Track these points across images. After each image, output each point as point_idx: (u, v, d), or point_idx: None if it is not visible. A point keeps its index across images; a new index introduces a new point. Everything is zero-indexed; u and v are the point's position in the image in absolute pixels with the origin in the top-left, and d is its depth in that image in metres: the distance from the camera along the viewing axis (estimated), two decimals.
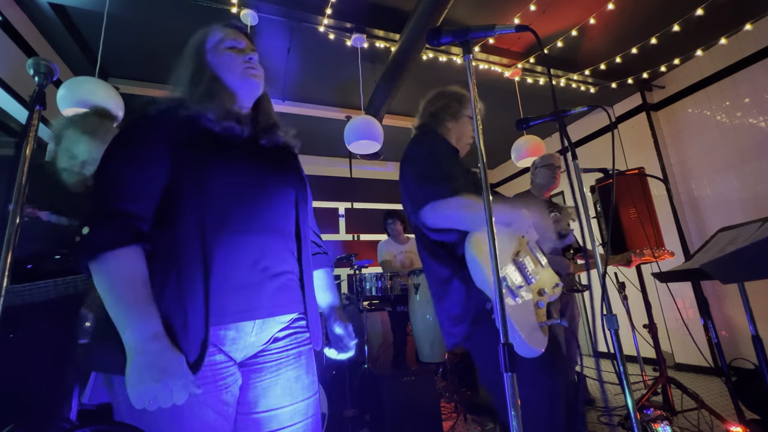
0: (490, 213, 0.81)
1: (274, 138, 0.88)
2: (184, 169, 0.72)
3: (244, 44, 0.88)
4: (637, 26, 3.20)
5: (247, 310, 0.73)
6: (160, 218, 0.71)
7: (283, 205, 0.83)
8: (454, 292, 1.10)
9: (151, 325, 0.62)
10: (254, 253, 0.75)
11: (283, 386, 0.77)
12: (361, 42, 3.05)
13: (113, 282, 0.63)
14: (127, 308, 0.62)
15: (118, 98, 2.36)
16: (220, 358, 0.71)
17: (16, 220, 0.82)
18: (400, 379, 2.33)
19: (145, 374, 0.59)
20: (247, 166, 0.79)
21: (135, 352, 0.60)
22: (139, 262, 0.66)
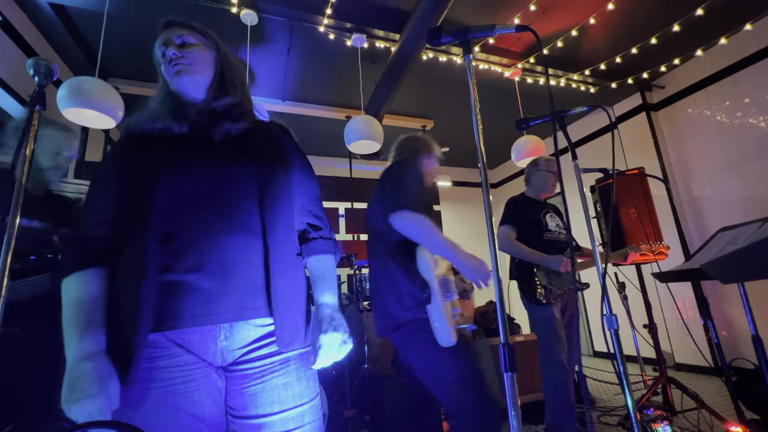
0: (490, 213, 0.81)
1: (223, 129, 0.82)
2: (136, 180, 0.74)
3: (163, 39, 0.85)
4: (637, 26, 3.20)
5: (208, 314, 0.70)
6: (123, 232, 0.73)
7: (243, 198, 0.76)
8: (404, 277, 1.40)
9: (85, 345, 0.65)
10: (214, 254, 0.71)
11: (270, 393, 0.74)
12: (361, 42, 3.05)
13: (64, 305, 0.68)
14: (67, 328, 0.66)
15: (118, 98, 2.35)
16: (190, 359, 0.71)
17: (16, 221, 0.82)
18: (400, 379, 2.33)
19: (67, 393, 0.62)
20: (196, 164, 0.77)
21: (66, 371, 0.64)
22: (90, 283, 0.69)
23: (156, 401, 0.66)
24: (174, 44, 0.84)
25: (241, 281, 0.73)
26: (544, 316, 2.04)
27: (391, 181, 1.47)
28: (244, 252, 0.74)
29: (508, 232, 2.16)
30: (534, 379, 2.61)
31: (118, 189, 0.75)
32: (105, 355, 0.66)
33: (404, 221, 1.33)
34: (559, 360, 1.94)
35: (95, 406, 0.61)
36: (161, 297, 0.68)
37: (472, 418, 1.25)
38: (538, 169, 2.31)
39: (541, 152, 3.40)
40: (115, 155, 0.79)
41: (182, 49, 0.84)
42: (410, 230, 1.34)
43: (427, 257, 1.38)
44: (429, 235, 1.31)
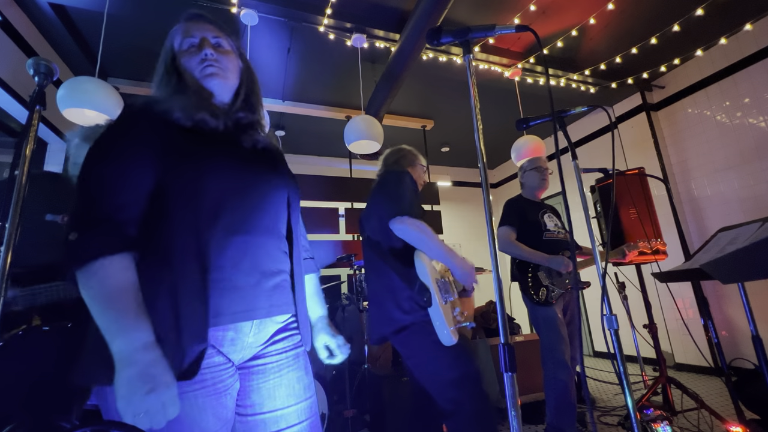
0: (490, 213, 0.81)
1: (256, 137, 0.85)
2: (173, 171, 0.70)
3: (198, 38, 0.82)
4: (637, 26, 3.20)
5: (246, 311, 0.72)
6: (150, 221, 0.68)
7: (276, 205, 0.82)
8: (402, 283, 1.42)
9: (141, 334, 0.60)
10: (251, 254, 0.74)
11: (287, 386, 0.78)
12: (361, 42, 3.05)
13: (101, 291, 0.61)
14: (116, 318, 0.60)
15: (118, 98, 2.35)
16: (219, 360, 0.70)
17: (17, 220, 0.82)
18: (400, 379, 2.33)
19: (136, 385, 0.56)
20: (240, 164, 0.78)
21: (125, 363, 0.58)
22: (128, 269, 0.64)
23: (186, 403, 0.64)
24: (210, 44, 0.82)
25: (270, 279, 0.78)
26: (546, 316, 2.04)
27: (386, 190, 1.51)
28: (274, 253, 0.80)
29: (508, 233, 2.17)
30: (534, 379, 2.61)
31: (152, 170, 0.69)
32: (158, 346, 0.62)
33: (405, 226, 1.37)
34: (562, 360, 1.95)
35: (170, 395, 0.58)
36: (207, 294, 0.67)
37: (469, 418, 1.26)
38: (524, 170, 2.36)
39: (541, 152, 3.40)
40: (146, 128, 0.71)
41: (217, 51, 0.82)
42: (411, 235, 1.38)
43: (425, 262, 1.40)
44: (429, 241, 1.36)
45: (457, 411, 1.28)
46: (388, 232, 1.45)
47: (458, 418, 1.28)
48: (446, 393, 1.32)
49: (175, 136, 0.72)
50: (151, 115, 0.72)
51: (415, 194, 1.54)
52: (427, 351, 1.36)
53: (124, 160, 0.68)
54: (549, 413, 1.99)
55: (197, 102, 0.78)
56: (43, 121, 2.89)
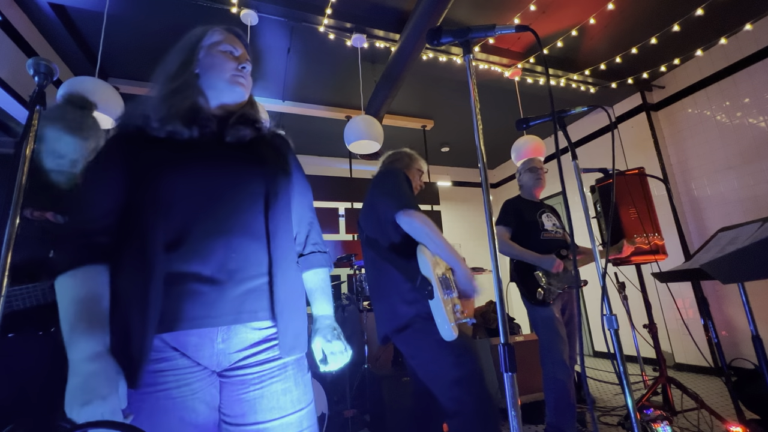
0: (490, 213, 0.81)
1: (239, 133, 0.84)
2: (139, 180, 0.72)
3: (241, 52, 0.87)
4: (637, 26, 3.20)
5: (207, 317, 0.70)
6: (124, 232, 0.71)
7: (249, 203, 0.78)
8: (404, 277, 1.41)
9: (90, 345, 0.62)
10: (217, 256, 0.72)
11: (270, 398, 0.74)
12: (361, 42, 3.05)
13: (62, 302, 0.65)
14: (70, 328, 0.63)
15: (118, 98, 2.35)
16: (184, 363, 0.69)
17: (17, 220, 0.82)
18: (400, 379, 2.33)
19: (75, 396, 0.58)
20: (203, 167, 0.77)
21: (71, 373, 0.61)
22: (90, 280, 0.67)
23: (148, 405, 0.65)
24: (249, 62, 0.89)
25: (241, 284, 0.74)
26: (544, 316, 2.05)
27: (385, 187, 1.51)
28: (247, 255, 0.75)
29: (502, 233, 2.21)
30: (534, 379, 2.61)
31: (118, 185, 0.73)
32: (110, 355, 0.64)
33: (412, 219, 1.38)
34: (561, 360, 1.95)
35: (107, 408, 0.59)
36: (163, 298, 0.67)
37: (472, 417, 1.26)
38: (520, 172, 2.39)
39: (541, 152, 3.40)
40: (114, 151, 0.76)
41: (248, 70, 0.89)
42: (417, 228, 1.38)
43: (427, 256, 1.39)
44: (434, 235, 1.37)
45: (460, 410, 1.28)
46: (388, 228, 1.45)
47: (461, 418, 1.27)
48: (449, 392, 1.31)
49: (141, 150, 0.75)
50: (121, 135, 0.77)
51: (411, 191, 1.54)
52: (430, 350, 1.36)
53: (93, 181, 0.74)
54: (549, 413, 1.99)
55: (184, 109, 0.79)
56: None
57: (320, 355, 0.91)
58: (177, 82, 0.80)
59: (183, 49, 0.85)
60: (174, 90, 0.80)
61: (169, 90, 0.80)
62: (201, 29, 0.87)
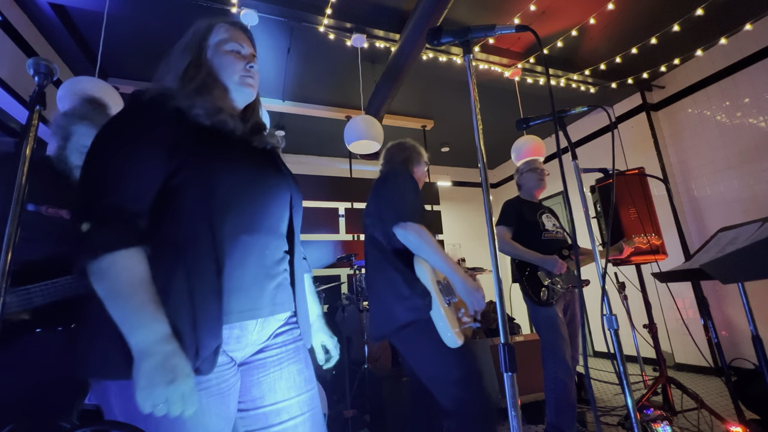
0: (490, 213, 0.81)
1: (264, 140, 0.89)
2: (188, 166, 0.69)
3: (247, 50, 0.87)
4: (637, 26, 3.20)
5: (251, 309, 0.74)
6: (161, 216, 0.68)
7: (280, 206, 0.84)
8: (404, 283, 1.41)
9: (160, 326, 0.61)
10: (256, 253, 0.76)
11: (288, 379, 0.79)
12: (361, 42, 3.05)
13: (117, 285, 0.60)
14: (134, 310, 0.60)
15: (118, 98, 2.35)
16: (223, 360, 0.71)
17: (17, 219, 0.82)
18: (400, 379, 2.33)
19: (157, 376, 0.57)
20: (250, 165, 0.79)
21: (145, 355, 0.58)
22: (142, 263, 0.63)
23: None
24: (254, 60, 0.88)
25: (273, 279, 0.79)
26: (547, 316, 2.05)
27: (390, 192, 1.52)
28: (276, 253, 0.81)
29: (503, 232, 2.20)
30: (534, 379, 2.61)
31: (160, 163, 0.68)
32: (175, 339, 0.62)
33: (407, 233, 1.39)
34: (564, 360, 1.95)
35: (190, 386, 0.59)
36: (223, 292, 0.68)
37: (472, 416, 1.26)
38: (521, 172, 2.38)
39: (541, 152, 3.40)
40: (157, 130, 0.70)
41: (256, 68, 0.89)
42: (413, 243, 1.39)
43: (425, 266, 1.40)
44: (430, 250, 1.37)
45: (460, 410, 1.28)
46: (390, 232, 1.46)
47: (460, 417, 1.28)
48: (450, 391, 1.31)
49: (188, 132, 0.72)
50: (163, 108, 0.71)
51: (417, 195, 1.54)
52: (430, 349, 1.35)
53: (136, 151, 0.67)
54: (549, 413, 1.99)
55: (221, 103, 0.81)
56: (43, 121, 2.89)
57: (322, 352, 1.03)
58: (200, 79, 0.80)
59: (190, 47, 0.84)
60: (202, 86, 0.79)
61: (197, 85, 0.79)
62: (206, 24, 0.87)
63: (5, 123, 2.69)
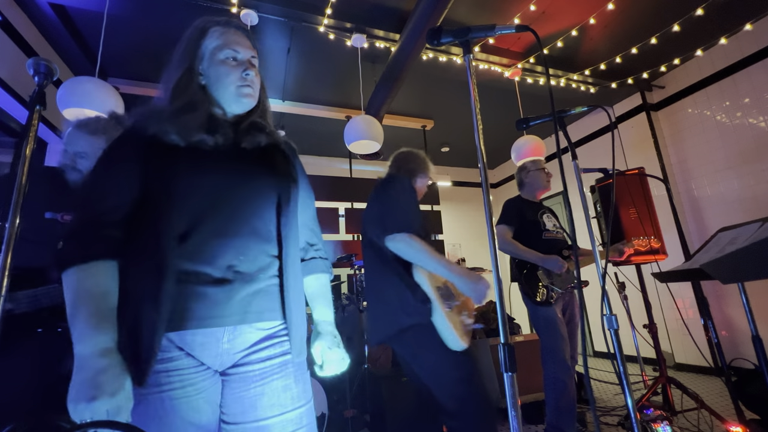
0: (490, 213, 0.81)
1: (255, 140, 0.85)
2: (154, 178, 0.72)
3: (243, 54, 0.83)
4: (637, 26, 3.20)
5: (214, 317, 0.71)
6: (135, 228, 0.71)
7: (263, 208, 0.80)
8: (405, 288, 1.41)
9: (99, 340, 0.62)
10: (226, 258, 0.73)
11: (270, 396, 0.75)
12: (361, 42, 3.05)
13: (71, 296, 0.64)
14: (79, 322, 0.62)
15: (118, 98, 2.35)
16: (189, 363, 0.70)
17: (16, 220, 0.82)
18: (400, 379, 2.33)
19: (81, 391, 0.57)
20: (218, 170, 0.77)
21: (78, 368, 0.60)
22: (103, 275, 0.66)
23: (153, 405, 0.65)
24: (252, 66, 0.83)
25: (248, 285, 0.75)
26: (546, 316, 2.05)
27: (387, 199, 1.51)
28: (255, 257, 0.77)
29: (505, 231, 2.19)
30: (534, 379, 2.61)
31: (133, 180, 0.72)
32: (118, 352, 0.64)
33: (398, 244, 1.39)
34: (563, 359, 1.95)
35: (114, 405, 0.58)
36: (171, 297, 0.68)
37: (473, 415, 1.27)
38: (528, 170, 2.36)
39: (541, 152, 3.40)
40: (131, 146, 0.75)
41: (254, 73, 0.84)
42: (405, 253, 1.39)
43: (423, 273, 1.40)
44: (423, 257, 1.36)
45: (461, 410, 1.29)
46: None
47: (462, 417, 1.28)
48: (451, 391, 1.32)
49: (159, 151, 0.74)
50: (138, 135, 0.76)
51: (414, 204, 1.54)
52: (431, 350, 1.36)
53: (108, 172, 0.73)
54: (549, 413, 1.99)
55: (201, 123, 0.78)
56: (43, 121, 2.89)
57: (319, 361, 0.91)
58: (188, 95, 0.79)
59: (185, 54, 0.83)
60: (188, 104, 0.79)
61: (183, 103, 0.78)
62: (199, 28, 0.84)
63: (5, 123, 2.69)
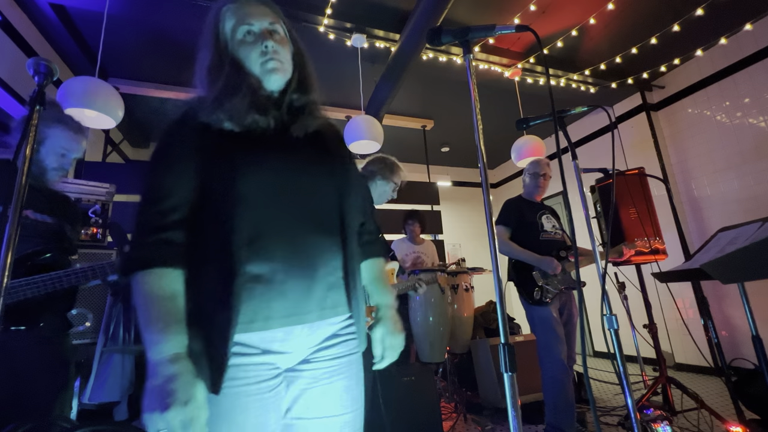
0: (490, 213, 0.81)
1: (302, 126, 0.79)
2: (213, 176, 0.68)
3: (257, 25, 0.76)
4: (637, 26, 3.20)
5: (295, 314, 0.70)
6: (198, 229, 0.68)
7: (325, 198, 0.77)
8: None
9: (170, 346, 0.60)
10: (300, 255, 0.70)
11: (334, 396, 0.74)
12: (361, 42, 3.05)
13: (140, 301, 0.62)
14: (150, 328, 0.61)
15: (118, 98, 2.35)
16: (266, 360, 0.68)
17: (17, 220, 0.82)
18: (400, 379, 2.33)
19: (155, 400, 0.56)
20: (279, 163, 0.73)
21: (151, 375, 0.58)
22: (170, 277, 0.64)
23: (227, 404, 0.63)
24: (270, 36, 0.76)
25: (323, 281, 0.73)
26: (542, 316, 2.06)
27: None
28: (324, 251, 0.74)
29: (502, 232, 2.22)
30: (534, 379, 2.61)
31: (192, 177, 0.69)
32: (188, 358, 0.62)
33: None
34: (559, 359, 1.95)
35: (187, 415, 0.56)
36: (248, 298, 0.66)
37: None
38: (526, 173, 2.38)
39: (541, 152, 3.40)
40: (186, 140, 0.70)
41: (274, 41, 0.77)
42: None
43: None
44: None
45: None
46: None
47: None
48: None
49: (216, 142, 0.70)
50: (190, 127, 0.71)
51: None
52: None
53: (165, 170, 0.69)
54: (548, 413, 1.99)
55: (250, 102, 0.73)
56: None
57: (379, 348, 0.86)
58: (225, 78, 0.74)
59: (207, 44, 0.78)
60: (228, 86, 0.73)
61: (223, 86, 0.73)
62: (213, 13, 0.79)
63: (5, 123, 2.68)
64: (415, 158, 5.49)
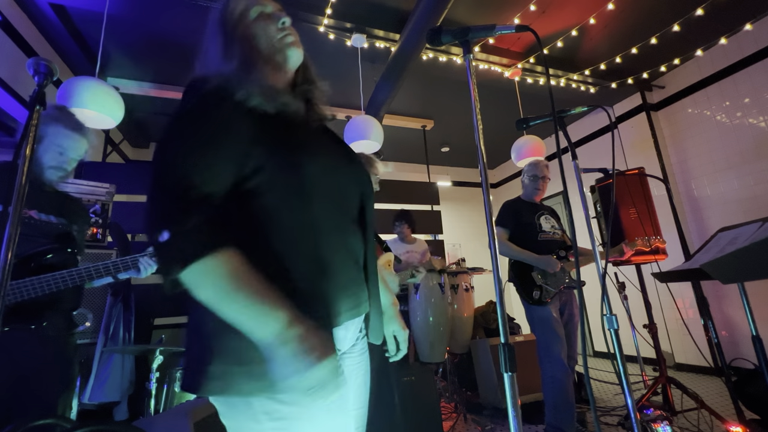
0: (490, 213, 0.81)
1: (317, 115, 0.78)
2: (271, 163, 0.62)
3: (270, 6, 0.77)
4: (637, 26, 3.20)
5: (354, 308, 0.69)
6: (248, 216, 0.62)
7: (356, 195, 0.76)
8: None
9: (285, 312, 0.54)
10: (349, 250, 0.70)
11: (356, 390, 0.75)
12: (361, 42, 3.05)
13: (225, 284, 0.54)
14: (254, 304, 0.53)
15: (118, 98, 2.35)
16: None
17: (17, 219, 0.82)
18: (400, 379, 2.33)
19: (302, 360, 0.52)
20: (325, 154, 0.72)
21: (279, 344, 0.52)
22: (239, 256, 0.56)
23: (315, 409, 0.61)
24: (280, 9, 0.77)
25: (359, 276, 0.73)
26: (542, 316, 2.06)
27: None
28: (359, 247, 0.74)
29: (500, 234, 2.23)
30: (534, 379, 2.61)
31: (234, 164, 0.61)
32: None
33: None
34: (559, 359, 1.95)
35: (335, 362, 0.54)
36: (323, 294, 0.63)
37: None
38: (525, 174, 2.39)
39: (541, 152, 3.40)
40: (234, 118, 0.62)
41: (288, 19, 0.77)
42: None
43: None
44: None
45: None
46: None
47: None
48: None
49: (260, 124, 0.64)
50: (231, 100, 0.63)
51: None
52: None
53: (209, 149, 0.59)
54: (548, 412, 1.99)
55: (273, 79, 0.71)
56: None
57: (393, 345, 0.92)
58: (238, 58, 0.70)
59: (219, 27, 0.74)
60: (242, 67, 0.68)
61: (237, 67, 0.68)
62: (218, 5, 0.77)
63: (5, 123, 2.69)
64: (415, 158, 5.50)
